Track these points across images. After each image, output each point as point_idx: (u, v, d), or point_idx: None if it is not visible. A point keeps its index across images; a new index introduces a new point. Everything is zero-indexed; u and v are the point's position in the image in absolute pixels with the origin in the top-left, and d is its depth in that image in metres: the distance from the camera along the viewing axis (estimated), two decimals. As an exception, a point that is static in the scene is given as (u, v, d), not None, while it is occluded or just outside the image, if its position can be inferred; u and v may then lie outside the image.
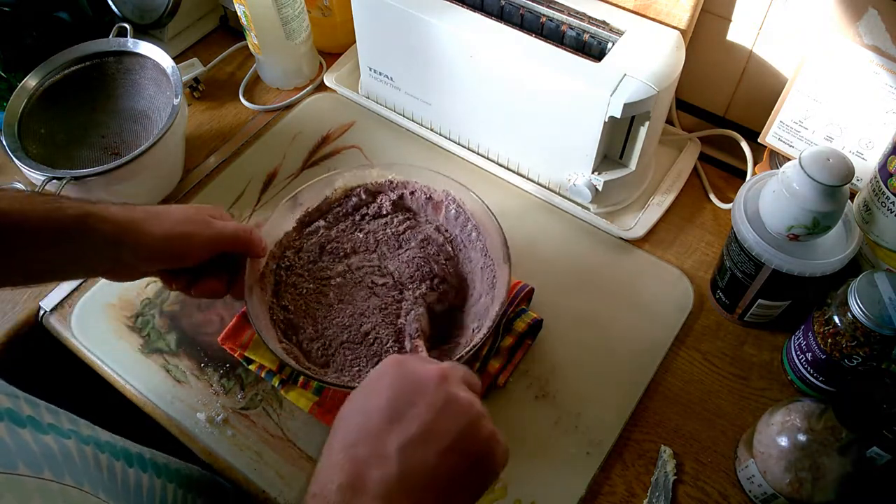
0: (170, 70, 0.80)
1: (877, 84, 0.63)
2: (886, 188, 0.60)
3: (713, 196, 0.80)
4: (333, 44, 0.97)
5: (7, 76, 0.85)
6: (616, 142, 0.74)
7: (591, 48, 0.72)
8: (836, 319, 0.58)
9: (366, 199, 0.73)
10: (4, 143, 0.74)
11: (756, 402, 0.66)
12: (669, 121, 0.85)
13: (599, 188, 0.74)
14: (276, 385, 0.66)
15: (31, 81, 0.79)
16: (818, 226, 0.58)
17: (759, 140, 0.73)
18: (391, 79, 0.84)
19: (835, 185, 0.55)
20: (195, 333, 0.71)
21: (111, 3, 0.91)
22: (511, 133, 0.78)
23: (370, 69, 0.86)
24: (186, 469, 0.62)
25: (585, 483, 0.61)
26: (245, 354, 0.66)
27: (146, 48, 0.81)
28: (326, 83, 0.92)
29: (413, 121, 0.87)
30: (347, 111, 0.91)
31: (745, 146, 0.79)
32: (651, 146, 0.75)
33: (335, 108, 0.91)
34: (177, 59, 0.84)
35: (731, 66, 0.77)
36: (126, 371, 0.69)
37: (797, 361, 0.65)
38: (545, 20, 0.73)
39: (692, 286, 0.73)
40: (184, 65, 0.93)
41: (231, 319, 0.68)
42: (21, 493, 0.39)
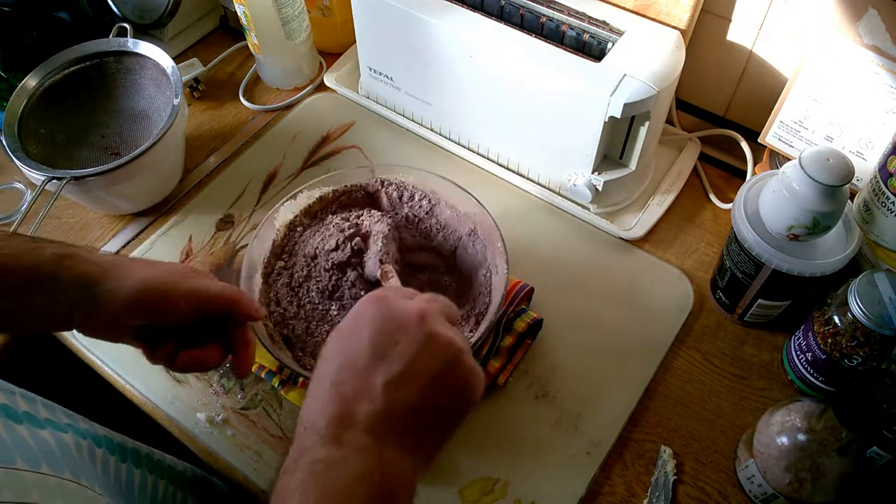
0: (170, 70, 0.80)
1: (877, 84, 0.63)
2: (886, 188, 0.60)
3: (713, 196, 0.80)
4: (333, 44, 0.97)
5: (7, 76, 0.85)
6: (616, 142, 0.74)
7: (591, 48, 0.72)
8: (836, 319, 0.58)
9: (361, 201, 0.73)
10: (4, 143, 0.74)
11: (756, 402, 0.66)
12: (669, 121, 0.85)
13: (599, 188, 0.74)
14: (276, 385, 0.66)
15: (31, 81, 0.79)
16: (818, 226, 0.58)
17: (759, 140, 0.73)
18: (391, 79, 0.84)
19: (835, 185, 0.55)
20: (195, 333, 0.71)
21: (111, 3, 0.91)
22: (511, 133, 0.78)
23: (370, 69, 0.86)
24: (181, 467, 0.62)
25: (585, 483, 0.61)
26: (245, 354, 0.66)
27: (146, 48, 0.81)
28: (326, 83, 0.92)
29: (413, 121, 0.87)
30: (347, 111, 0.91)
31: (745, 146, 0.79)
32: (651, 146, 0.75)
33: (335, 108, 0.91)
34: (177, 59, 0.84)
35: (731, 66, 0.77)
36: (126, 371, 0.69)
37: (797, 361, 0.65)
38: (545, 20, 0.73)
39: (692, 286, 0.73)
40: (184, 65, 0.93)
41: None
42: (19, 488, 0.40)
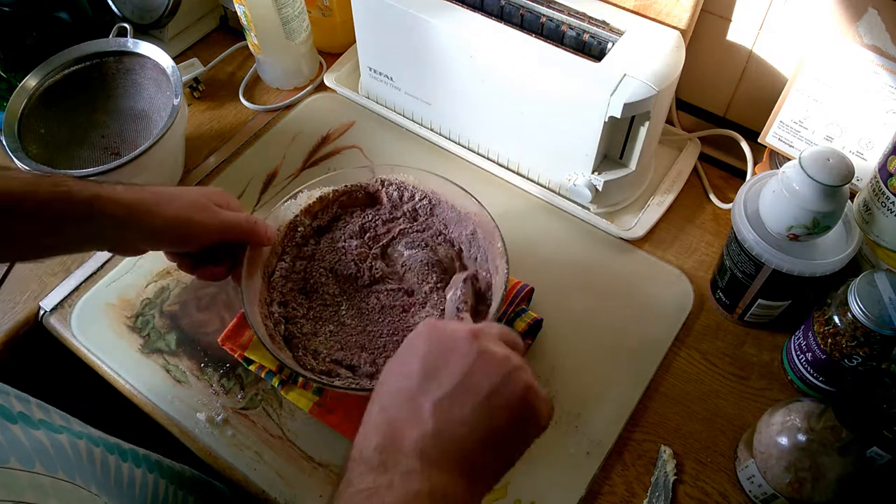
0: (170, 70, 0.80)
1: (877, 84, 0.63)
2: (886, 188, 0.60)
3: (713, 196, 0.80)
4: (333, 44, 0.97)
5: (7, 76, 0.85)
6: (616, 142, 0.74)
7: (591, 48, 0.72)
8: (836, 319, 0.58)
9: (361, 200, 0.73)
10: (4, 143, 0.74)
11: (756, 402, 0.66)
12: (669, 121, 0.85)
13: (599, 188, 0.74)
14: (276, 385, 0.66)
15: (31, 81, 0.79)
16: (818, 226, 0.58)
17: (759, 140, 0.73)
18: (391, 79, 0.84)
19: (835, 185, 0.55)
20: (195, 333, 0.71)
21: (111, 3, 0.91)
22: (511, 133, 0.78)
23: (370, 69, 0.86)
24: (179, 468, 0.62)
25: (585, 483, 0.61)
26: (245, 355, 0.66)
27: (146, 48, 0.82)
28: (326, 83, 0.93)
29: (413, 121, 0.87)
30: (347, 111, 0.91)
31: (745, 146, 0.79)
32: (651, 146, 0.75)
33: (335, 108, 0.91)
34: (177, 59, 0.84)
35: (731, 66, 0.77)
36: (126, 371, 0.69)
37: (797, 361, 0.65)
38: (545, 20, 0.73)
39: (692, 286, 0.73)
40: (184, 65, 0.93)
41: (231, 320, 0.68)
42: (13, 487, 0.40)
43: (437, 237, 0.71)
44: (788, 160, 0.65)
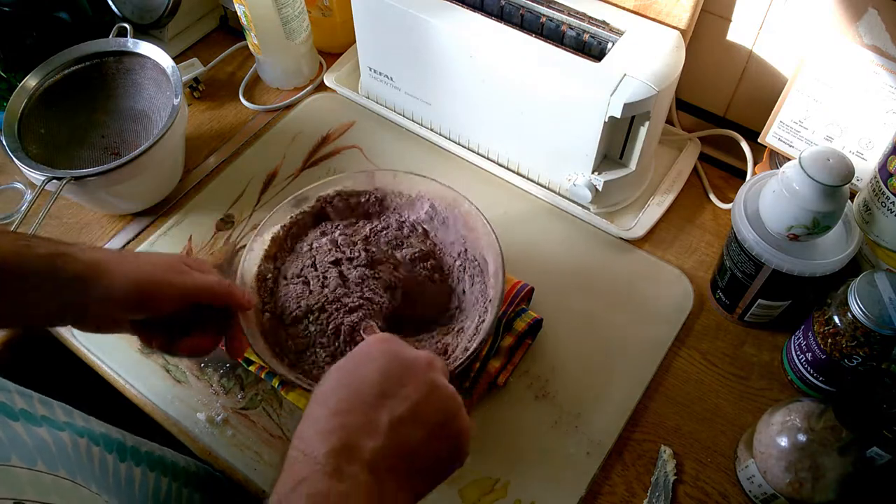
0: (170, 70, 0.80)
1: (877, 84, 0.63)
2: (886, 188, 0.60)
3: (713, 196, 0.80)
4: (333, 44, 0.97)
5: (7, 76, 0.85)
6: (616, 142, 0.74)
7: (591, 48, 0.72)
8: (836, 319, 0.58)
9: (311, 224, 0.72)
10: (4, 143, 0.74)
11: (756, 402, 0.66)
12: (669, 121, 0.85)
13: (599, 188, 0.74)
14: (276, 385, 0.66)
15: (31, 81, 0.79)
16: (818, 226, 0.58)
17: (759, 140, 0.73)
18: (391, 79, 0.84)
19: (835, 185, 0.55)
20: (195, 333, 0.71)
21: (111, 3, 0.91)
22: (511, 133, 0.78)
23: (370, 69, 0.86)
24: (184, 462, 0.62)
25: (585, 483, 0.61)
26: (245, 355, 0.66)
27: (146, 48, 0.81)
28: (326, 83, 0.93)
29: (413, 121, 0.87)
30: (347, 111, 0.91)
31: (745, 146, 0.79)
32: (651, 146, 0.75)
33: (335, 108, 0.91)
34: (177, 59, 0.84)
35: (731, 66, 0.77)
36: (126, 371, 0.69)
37: (797, 361, 0.65)
38: (545, 20, 0.73)
39: (692, 286, 0.73)
40: (184, 65, 0.93)
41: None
42: (13, 485, 0.40)
43: (399, 229, 0.71)
44: (788, 160, 0.65)
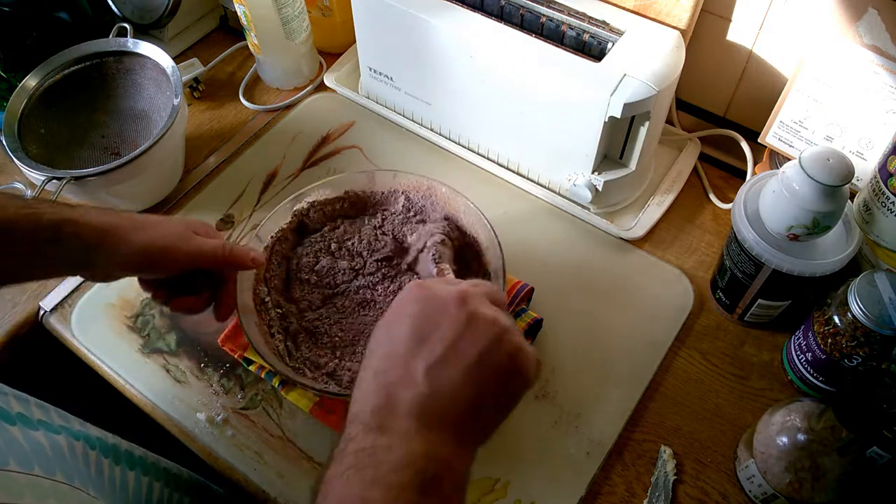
0: (170, 70, 0.80)
1: (877, 84, 0.63)
2: (886, 188, 0.60)
3: (713, 196, 0.80)
4: (333, 44, 0.97)
5: (7, 76, 0.85)
6: (616, 142, 0.73)
7: (591, 48, 0.72)
8: (836, 319, 0.58)
9: (358, 207, 0.73)
10: (4, 143, 0.74)
11: (756, 402, 0.66)
12: (669, 121, 0.85)
13: (599, 188, 0.74)
14: (276, 385, 0.66)
15: (31, 81, 0.79)
16: (818, 226, 0.58)
17: (759, 140, 0.73)
18: (391, 79, 0.84)
19: (835, 185, 0.55)
20: (195, 333, 0.71)
21: (111, 3, 0.91)
22: (511, 133, 0.78)
23: (370, 69, 0.86)
24: (176, 469, 0.62)
25: (585, 483, 0.61)
26: (245, 355, 0.66)
27: (146, 48, 0.81)
28: (326, 83, 0.92)
29: (413, 121, 0.87)
30: (347, 111, 0.91)
31: (745, 146, 0.79)
32: (651, 146, 0.75)
33: (335, 108, 0.91)
34: (177, 59, 0.84)
35: (731, 66, 0.77)
36: (126, 371, 0.69)
37: (797, 361, 0.65)
38: (545, 20, 0.73)
39: (692, 286, 0.73)
40: (184, 65, 0.93)
41: (231, 320, 0.68)
42: (11, 489, 0.40)
43: (377, 229, 0.71)
44: (788, 160, 0.65)
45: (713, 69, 0.78)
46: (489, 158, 0.83)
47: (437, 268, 0.62)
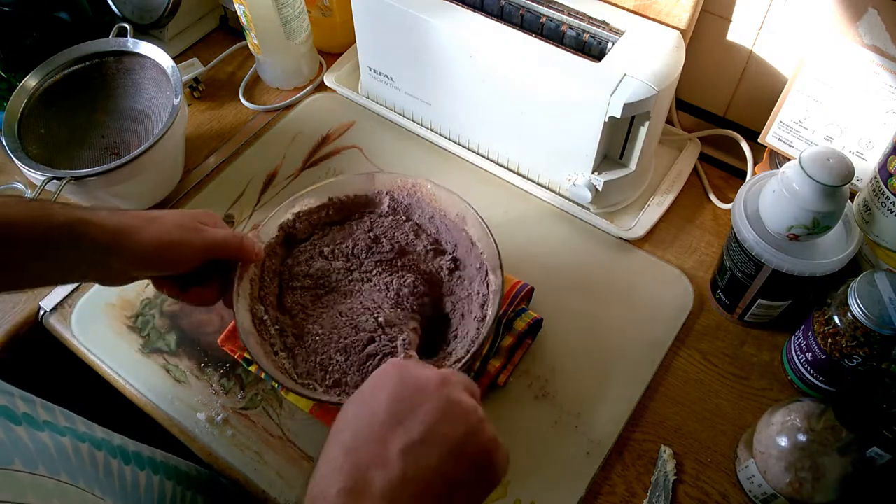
0: (170, 70, 0.80)
1: (877, 84, 0.63)
2: (886, 188, 0.60)
3: (713, 196, 0.80)
4: (333, 44, 0.97)
5: (7, 76, 0.85)
6: (616, 142, 0.74)
7: (591, 48, 0.72)
8: (836, 319, 0.58)
9: (344, 212, 0.72)
10: (4, 143, 0.74)
11: (756, 402, 0.66)
12: (669, 121, 0.85)
13: (599, 188, 0.74)
14: (276, 385, 0.66)
15: (31, 81, 0.79)
16: (818, 226, 0.58)
17: (759, 140, 0.73)
18: (391, 79, 0.84)
19: (835, 185, 0.55)
20: (195, 333, 0.71)
21: (111, 3, 0.91)
22: (511, 133, 0.78)
23: (370, 69, 0.86)
24: (185, 466, 0.62)
25: (585, 483, 0.61)
26: (245, 355, 0.66)
27: (146, 48, 0.81)
28: (326, 83, 0.93)
29: (413, 121, 0.87)
30: (347, 111, 0.91)
31: (745, 146, 0.79)
32: (651, 146, 0.75)
33: (335, 108, 0.91)
34: (177, 59, 0.84)
35: (731, 66, 0.77)
36: (126, 371, 0.69)
37: (797, 361, 0.65)
38: (545, 20, 0.73)
39: (692, 286, 0.73)
40: (184, 65, 0.93)
41: (231, 320, 0.68)
42: (15, 489, 0.40)
43: (368, 232, 0.70)
44: (788, 160, 0.65)
45: (713, 69, 0.78)
46: (489, 158, 0.83)
47: (406, 353, 0.61)
